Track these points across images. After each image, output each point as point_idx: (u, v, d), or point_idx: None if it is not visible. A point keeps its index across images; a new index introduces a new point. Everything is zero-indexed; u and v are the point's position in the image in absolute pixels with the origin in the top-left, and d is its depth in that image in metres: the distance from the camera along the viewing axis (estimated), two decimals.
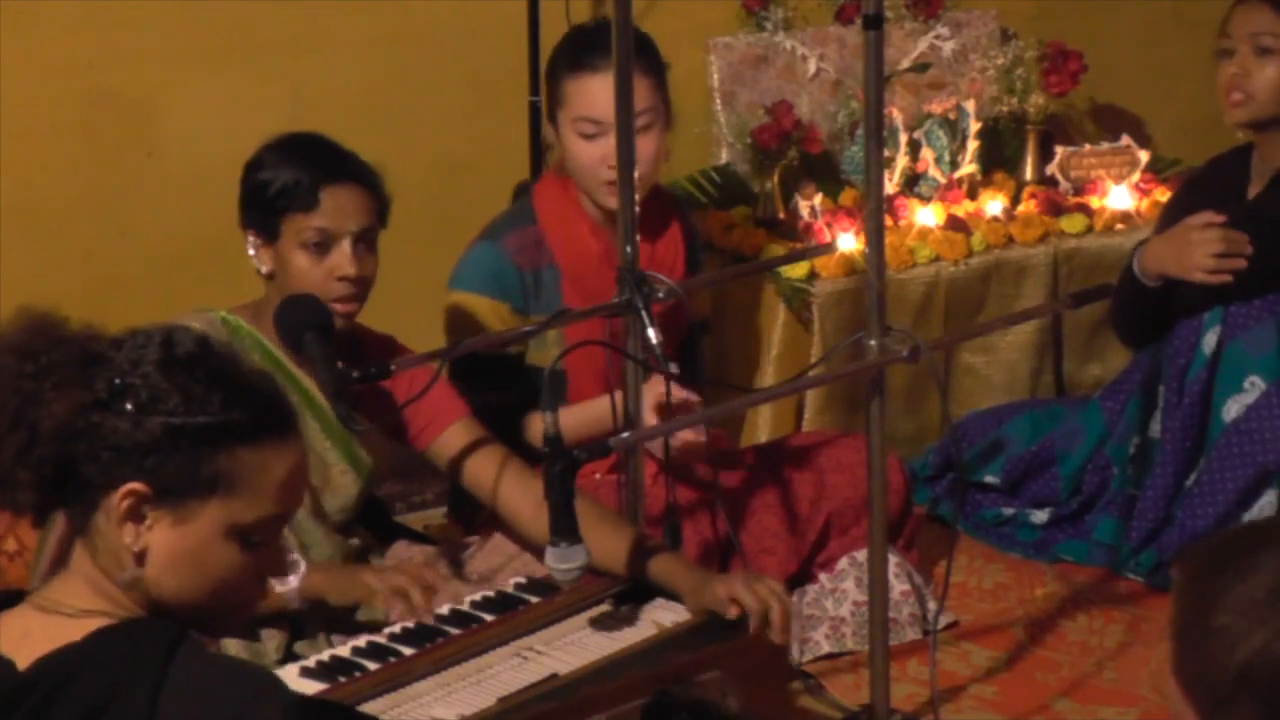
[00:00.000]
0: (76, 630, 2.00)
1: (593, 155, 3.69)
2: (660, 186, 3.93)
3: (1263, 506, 4.01)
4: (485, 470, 3.37)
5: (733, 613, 2.95)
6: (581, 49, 3.71)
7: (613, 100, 3.36)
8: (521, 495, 3.32)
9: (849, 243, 4.49)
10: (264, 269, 3.31)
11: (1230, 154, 4.26)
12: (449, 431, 3.39)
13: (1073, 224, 4.78)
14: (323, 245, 3.25)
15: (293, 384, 3.27)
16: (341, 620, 3.20)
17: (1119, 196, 4.88)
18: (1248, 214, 4.06)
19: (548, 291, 3.75)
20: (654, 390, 3.42)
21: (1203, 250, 3.98)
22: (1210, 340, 4.07)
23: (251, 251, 3.31)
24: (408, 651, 2.94)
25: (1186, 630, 1.84)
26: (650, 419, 3.44)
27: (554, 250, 3.76)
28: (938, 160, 4.83)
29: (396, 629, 3.04)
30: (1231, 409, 4.05)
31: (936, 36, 5.04)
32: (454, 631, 3.01)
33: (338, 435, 3.33)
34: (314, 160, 3.28)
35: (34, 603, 2.06)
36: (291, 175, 3.25)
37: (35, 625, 2.02)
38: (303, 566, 3.12)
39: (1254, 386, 4.04)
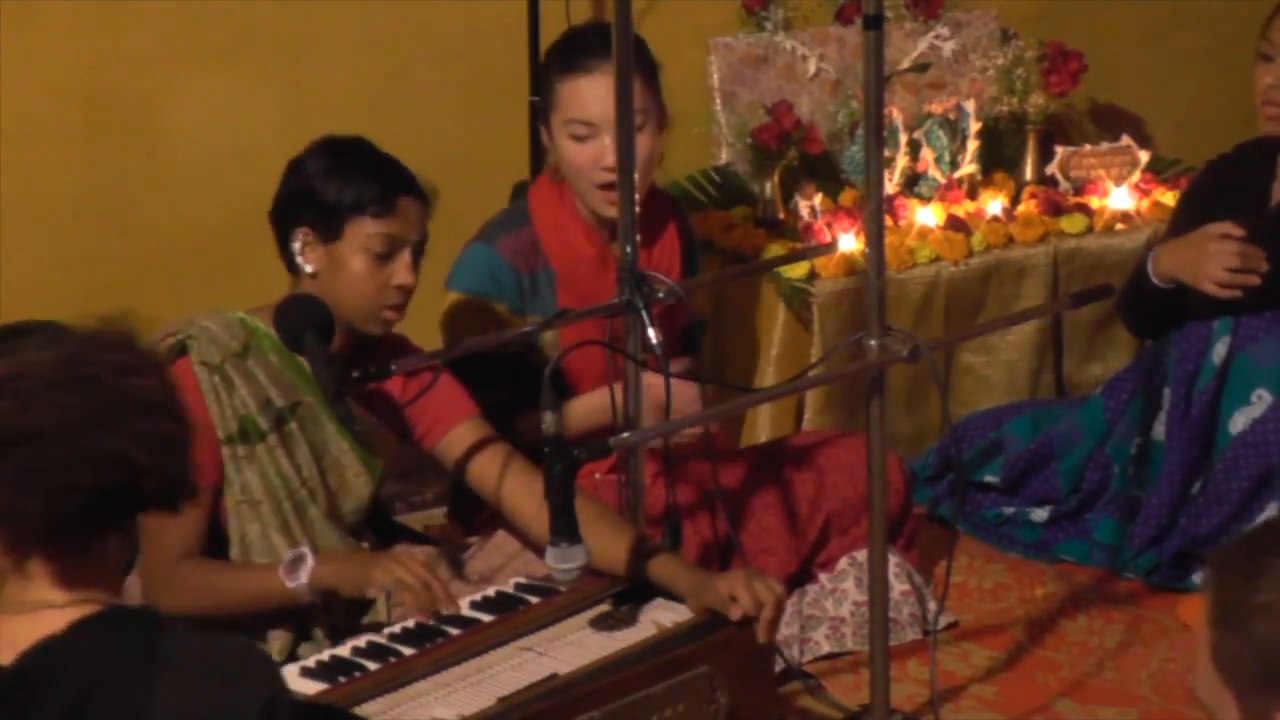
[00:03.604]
0: (56, 622, 2.01)
1: (585, 157, 3.68)
2: (657, 189, 3.92)
3: (1264, 518, 4.00)
4: (489, 469, 3.37)
5: (735, 614, 2.94)
6: (571, 51, 3.69)
7: (603, 101, 3.35)
8: (525, 494, 3.32)
9: (849, 243, 4.49)
10: (309, 267, 3.30)
11: (1254, 145, 4.20)
12: (456, 431, 3.39)
13: (1073, 224, 4.78)
14: (386, 254, 3.29)
15: (309, 386, 3.26)
16: (344, 628, 3.20)
17: (1119, 197, 4.87)
18: (1270, 222, 4.04)
19: (543, 294, 3.74)
20: (654, 380, 3.38)
21: (1218, 262, 3.95)
22: (1220, 350, 4.05)
23: (297, 247, 3.30)
24: (408, 651, 2.94)
25: (1226, 614, 1.83)
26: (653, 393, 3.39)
27: (549, 253, 3.75)
28: (938, 160, 4.82)
29: (396, 629, 3.04)
30: (1238, 421, 4.03)
31: (936, 36, 5.04)
32: (454, 631, 3.01)
33: (353, 437, 3.33)
34: (387, 168, 3.34)
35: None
36: (365, 180, 3.28)
37: (10, 626, 2.02)
38: (311, 560, 3.13)
39: (1261, 400, 4.01)
